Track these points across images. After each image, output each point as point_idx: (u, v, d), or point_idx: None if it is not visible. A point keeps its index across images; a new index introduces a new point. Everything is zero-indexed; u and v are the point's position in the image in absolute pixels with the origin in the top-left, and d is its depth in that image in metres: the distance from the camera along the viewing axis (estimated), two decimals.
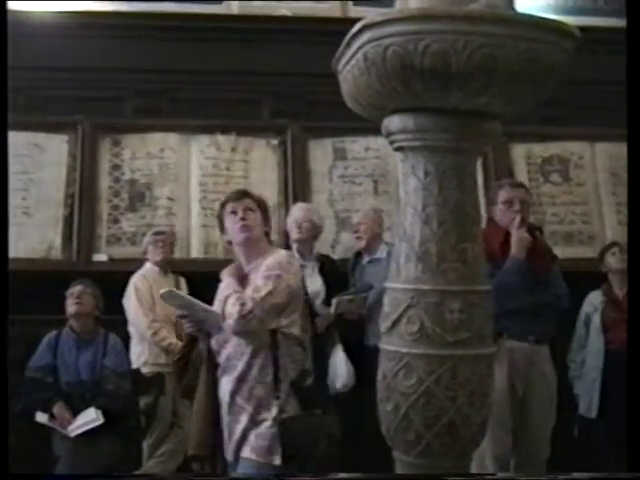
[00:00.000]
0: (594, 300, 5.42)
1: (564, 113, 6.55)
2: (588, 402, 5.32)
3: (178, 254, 5.71)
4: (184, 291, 5.32)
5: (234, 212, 3.36)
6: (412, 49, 2.55)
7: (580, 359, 5.41)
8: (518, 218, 4.58)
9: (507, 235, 4.63)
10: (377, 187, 6.21)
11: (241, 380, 3.23)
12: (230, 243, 3.43)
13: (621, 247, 5.51)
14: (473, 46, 2.51)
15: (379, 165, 6.23)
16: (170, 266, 5.48)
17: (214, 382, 3.31)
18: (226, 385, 3.28)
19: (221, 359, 3.30)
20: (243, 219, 3.32)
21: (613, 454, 5.42)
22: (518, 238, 4.56)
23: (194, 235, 5.93)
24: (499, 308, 4.59)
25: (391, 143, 2.96)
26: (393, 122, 2.88)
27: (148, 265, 5.36)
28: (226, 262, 3.52)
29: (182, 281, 5.47)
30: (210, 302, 3.35)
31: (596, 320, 5.37)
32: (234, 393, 3.25)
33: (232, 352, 3.26)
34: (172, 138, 6.13)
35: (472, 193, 2.87)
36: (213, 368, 3.31)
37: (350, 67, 2.82)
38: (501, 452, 4.72)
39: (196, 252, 5.90)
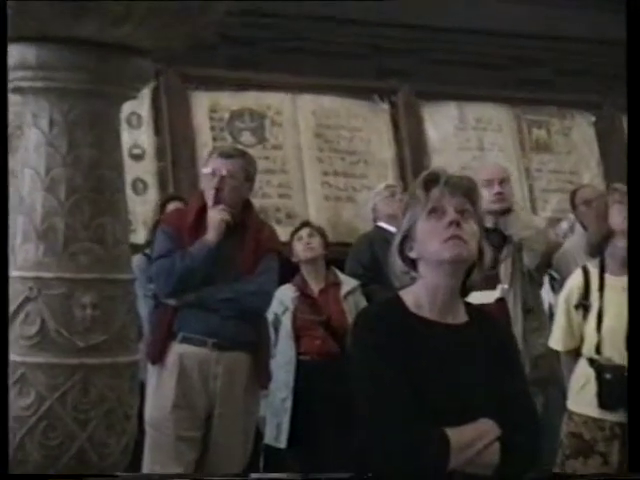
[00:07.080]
0: (284, 297, 5.45)
1: (260, 55, 6.66)
2: (276, 428, 5.43)
3: None
4: None
5: None
6: None
7: None
8: (212, 194, 4.78)
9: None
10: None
11: None
12: None
13: (312, 229, 5.53)
14: None
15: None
16: None
17: None
18: None
19: None
20: None
21: None
22: (209, 218, 4.77)
23: None
24: (176, 301, 4.72)
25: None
26: (10, 54, 2.84)
27: None
28: None
29: None
30: None
31: (286, 322, 5.39)
32: None
33: None
34: None
35: (114, 152, 2.89)
36: None
37: None
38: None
39: None
